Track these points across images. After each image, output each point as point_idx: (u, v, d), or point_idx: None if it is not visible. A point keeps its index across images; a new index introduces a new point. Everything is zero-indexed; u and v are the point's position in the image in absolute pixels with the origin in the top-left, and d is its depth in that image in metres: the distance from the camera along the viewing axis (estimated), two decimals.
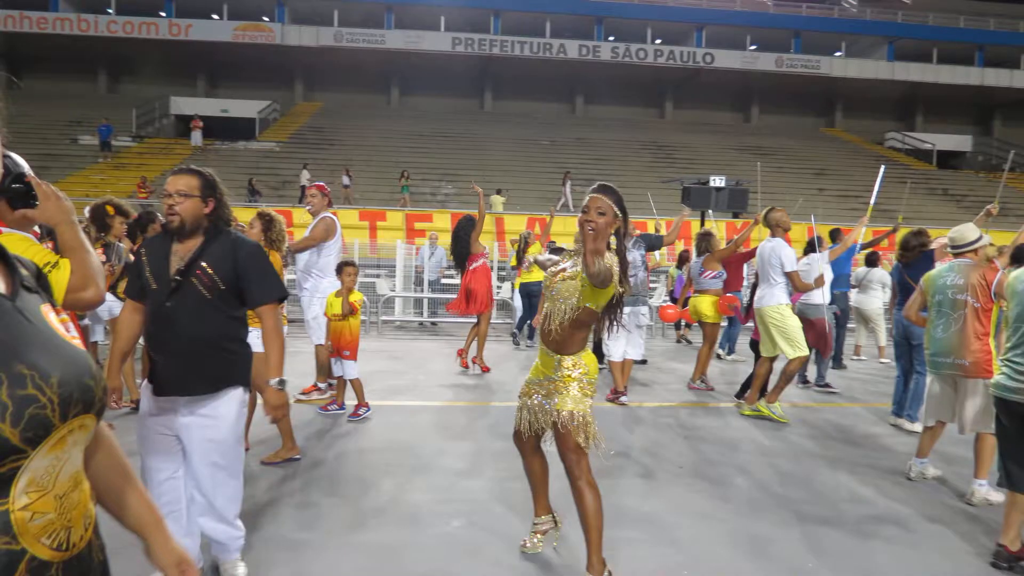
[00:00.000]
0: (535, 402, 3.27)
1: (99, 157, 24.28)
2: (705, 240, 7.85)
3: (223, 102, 30.53)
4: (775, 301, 6.42)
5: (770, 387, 6.59)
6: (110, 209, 5.81)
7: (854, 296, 9.50)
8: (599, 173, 23.73)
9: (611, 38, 32.95)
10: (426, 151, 26.26)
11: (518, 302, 10.48)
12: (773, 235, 6.51)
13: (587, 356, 3.24)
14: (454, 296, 11.56)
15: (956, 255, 4.68)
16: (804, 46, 33.51)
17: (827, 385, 7.84)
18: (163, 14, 31.17)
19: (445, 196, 21.97)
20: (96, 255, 2.17)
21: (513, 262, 10.79)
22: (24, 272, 1.17)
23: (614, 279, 2.98)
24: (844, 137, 33.84)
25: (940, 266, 4.92)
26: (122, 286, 7.21)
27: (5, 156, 2.02)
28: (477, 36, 31.53)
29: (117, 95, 32.20)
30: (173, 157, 23.66)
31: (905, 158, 31.90)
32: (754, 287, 6.98)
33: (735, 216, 16.63)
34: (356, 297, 5.85)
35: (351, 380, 5.90)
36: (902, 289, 6.34)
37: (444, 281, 12.60)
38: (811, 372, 8.09)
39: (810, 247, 7.50)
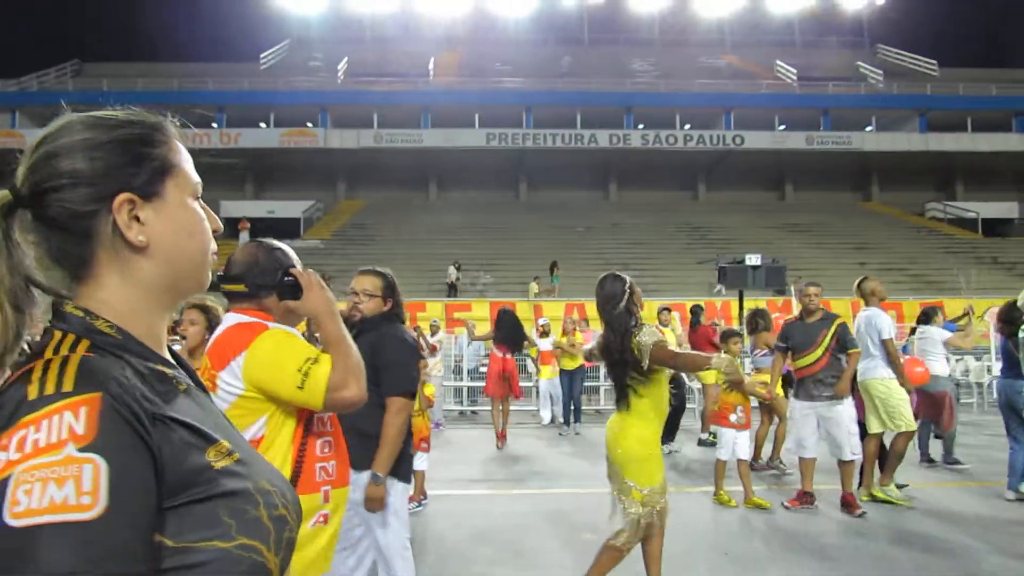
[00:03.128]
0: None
1: None
2: (757, 318, 7.83)
3: (269, 203, 31.93)
4: (880, 375, 6.13)
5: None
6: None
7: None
8: (634, 257, 23.91)
9: (641, 126, 33.78)
10: (464, 243, 26.83)
11: (557, 390, 10.57)
12: (868, 304, 6.29)
13: None
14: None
15: None
16: (833, 123, 33.85)
17: (956, 461, 7.46)
18: (215, 125, 33.08)
19: (484, 286, 22.30)
20: (357, 351, 2.03)
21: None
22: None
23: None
24: (883, 210, 33.62)
25: None
26: None
27: (277, 249, 2.16)
28: (511, 131, 32.65)
29: None
30: (221, 257, 24.57)
31: (949, 228, 31.49)
32: None
33: (778, 293, 16.52)
34: (429, 390, 6.01)
35: (417, 472, 5.97)
36: (1006, 357, 6.26)
37: (482, 369, 12.65)
38: (933, 449, 7.75)
39: (924, 318, 7.60)
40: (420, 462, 5.99)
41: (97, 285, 0.91)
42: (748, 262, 12.19)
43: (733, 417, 6.21)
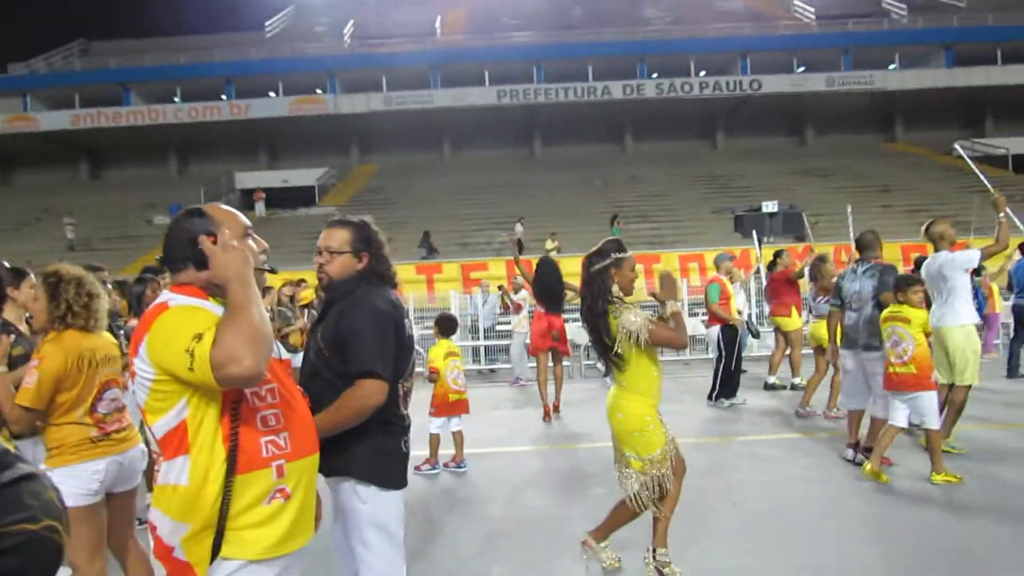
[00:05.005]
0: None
1: None
2: (817, 266, 7.66)
3: (284, 173, 31.86)
4: (959, 321, 5.70)
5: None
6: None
7: None
8: (653, 209, 23.57)
9: (655, 75, 33.01)
10: (480, 203, 26.61)
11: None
12: (937, 249, 5.89)
13: None
14: (508, 343, 11.50)
15: None
16: (855, 62, 32.78)
17: None
18: (224, 97, 32.95)
19: (500, 244, 22.08)
20: (259, 319, 1.74)
21: None
22: None
23: None
24: (908, 151, 32.65)
25: None
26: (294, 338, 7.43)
27: (194, 216, 1.93)
28: (521, 87, 32.13)
29: (186, 176, 33.95)
30: None
31: (978, 166, 30.43)
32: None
33: (797, 239, 16.17)
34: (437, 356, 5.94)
35: (433, 435, 5.90)
36: None
37: (498, 328, 12.58)
38: None
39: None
40: (435, 427, 5.87)
41: None
42: (764, 209, 11.83)
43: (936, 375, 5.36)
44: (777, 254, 9.47)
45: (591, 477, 5.49)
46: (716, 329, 8.33)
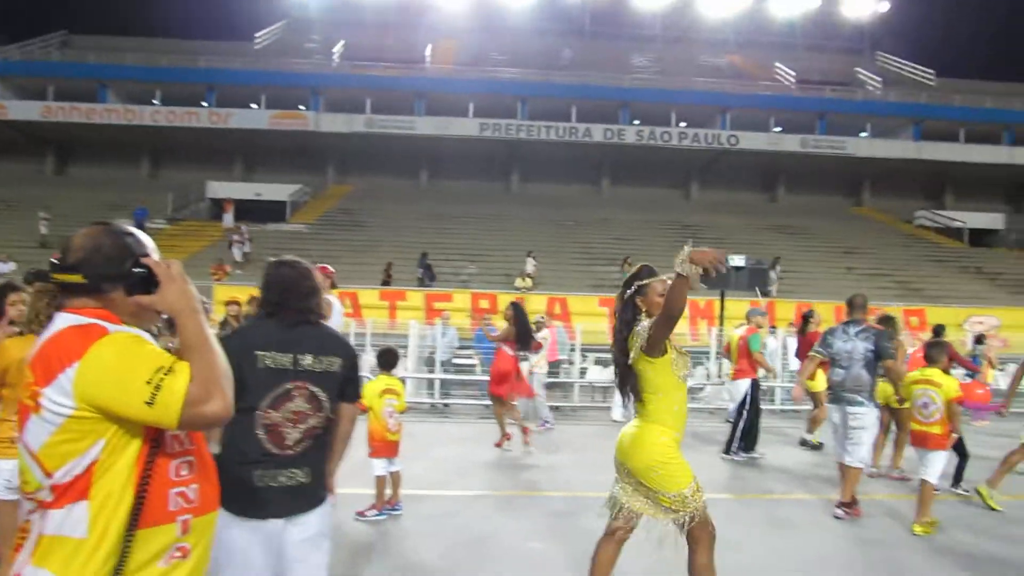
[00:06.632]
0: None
1: None
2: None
3: (257, 186, 31.57)
4: None
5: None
6: None
7: None
8: (621, 253, 23.70)
9: (636, 122, 33.60)
10: (451, 232, 26.64)
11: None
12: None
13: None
14: (468, 377, 11.43)
15: None
16: (829, 127, 33.75)
17: None
18: (205, 104, 32.72)
19: (468, 276, 22.07)
20: (224, 357, 1.69)
21: None
22: None
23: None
24: (873, 216, 33.57)
25: None
26: None
27: (127, 234, 1.77)
28: (504, 121, 32.41)
29: (157, 180, 33.47)
30: (203, 239, 24.34)
31: (936, 236, 31.43)
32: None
33: (763, 294, 16.40)
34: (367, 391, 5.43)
35: (379, 477, 5.60)
36: None
37: (456, 362, 12.42)
38: None
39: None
40: (379, 469, 5.60)
41: None
42: (731, 263, 11.93)
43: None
44: (807, 315, 9.24)
45: (533, 529, 5.36)
46: (747, 382, 8.24)
